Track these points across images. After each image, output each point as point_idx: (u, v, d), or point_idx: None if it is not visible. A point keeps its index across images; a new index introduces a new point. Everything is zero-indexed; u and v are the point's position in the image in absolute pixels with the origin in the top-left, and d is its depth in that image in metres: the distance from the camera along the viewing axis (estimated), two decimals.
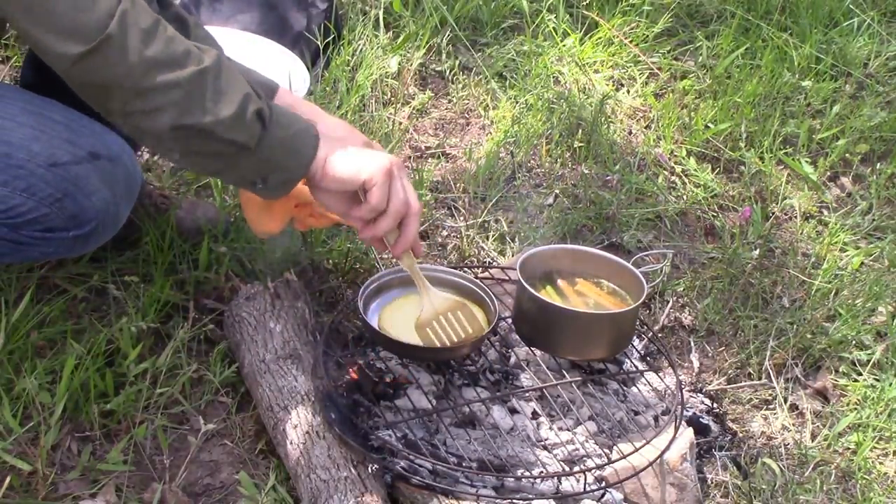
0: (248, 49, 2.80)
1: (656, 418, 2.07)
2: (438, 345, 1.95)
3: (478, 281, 2.12)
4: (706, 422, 2.16)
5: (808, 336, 2.42)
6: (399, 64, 3.09)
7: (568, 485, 1.88)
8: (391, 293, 2.09)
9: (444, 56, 3.22)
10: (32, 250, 1.98)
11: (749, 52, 3.35)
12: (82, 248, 2.04)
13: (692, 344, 2.42)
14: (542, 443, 1.97)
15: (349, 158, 1.78)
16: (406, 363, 2.07)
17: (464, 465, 1.88)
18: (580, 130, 2.93)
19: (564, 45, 3.26)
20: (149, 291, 2.17)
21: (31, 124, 1.80)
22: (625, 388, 2.14)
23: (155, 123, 1.68)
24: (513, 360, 2.15)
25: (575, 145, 2.91)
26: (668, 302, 2.50)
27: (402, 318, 2.01)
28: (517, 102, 3.03)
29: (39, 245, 1.97)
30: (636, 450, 1.90)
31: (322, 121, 2.02)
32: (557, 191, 2.78)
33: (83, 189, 1.81)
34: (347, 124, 2.07)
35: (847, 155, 3.06)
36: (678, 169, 2.92)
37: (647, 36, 3.37)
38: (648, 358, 2.23)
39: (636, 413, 2.08)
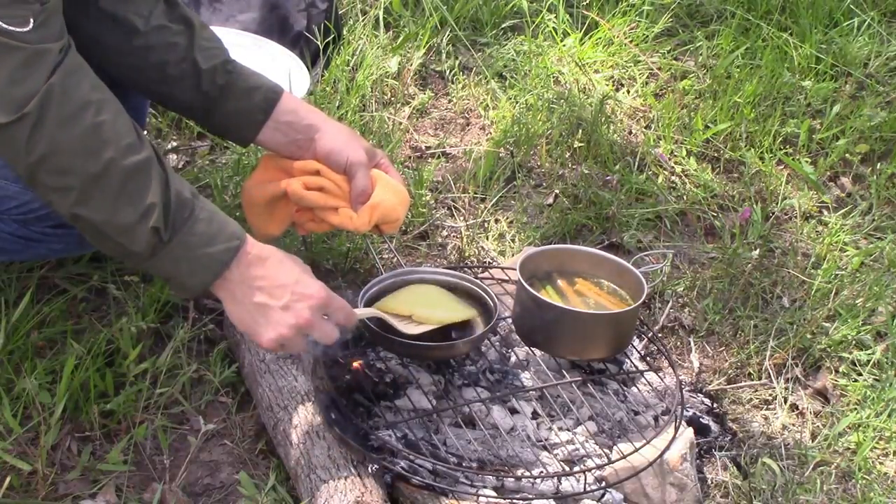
0: (249, 49, 2.80)
1: (656, 418, 2.07)
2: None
3: (478, 280, 2.12)
4: (706, 422, 2.16)
5: (808, 336, 2.42)
6: (399, 64, 3.09)
7: (568, 485, 1.88)
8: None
9: (444, 56, 3.22)
10: (42, 247, 2.00)
11: (749, 52, 3.34)
12: (91, 246, 2.05)
13: (692, 344, 2.42)
14: (542, 443, 1.97)
15: (244, 320, 1.75)
16: (406, 363, 2.07)
17: (464, 465, 1.88)
18: (580, 130, 2.93)
19: (564, 45, 3.26)
20: (149, 291, 2.17)
21: None
22: (625, 388, 2.14)
23: (56, 202, 1.67)
24: (513, 360, 2.15)
25: (575, 145, 2.91)
26: (668, 302, 2.50)
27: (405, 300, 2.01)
28: (517, 102, 3.03)
29: (49, 241, 1.98)
30: (636, 450, 1.90)
31: (325, 125, 2.02)
32: (557, 191, 2.78)
33: None
34: (350, 129, 2.08)
35: (847, 155, 3.06)
36: (678, 169, 2.92)
37: (647, 36, 3.37)
38: (648, 358, 2.23)
39: (636, 413, 2.08)
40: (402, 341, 1.94)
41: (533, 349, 2.12)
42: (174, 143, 2.71)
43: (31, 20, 1.57)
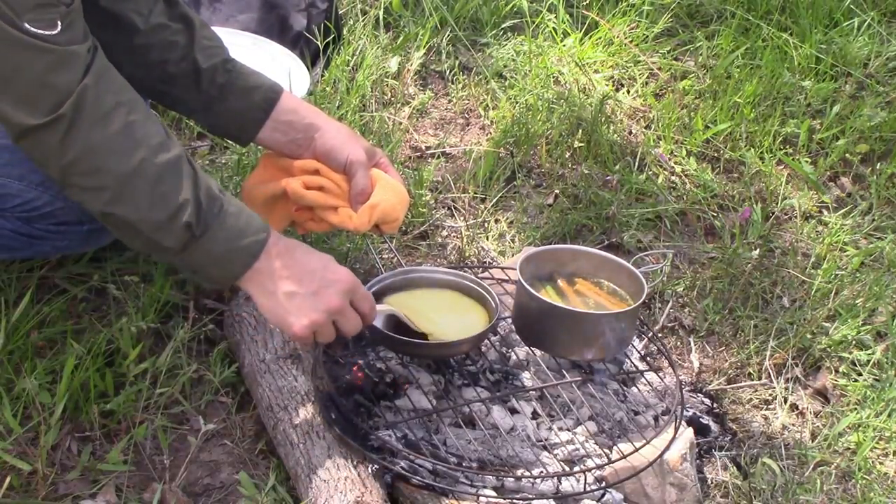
0: (248, 49, 2.81)
1: (656, 418, 2.07)
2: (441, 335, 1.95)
3: (478, 280, 2.12)
4: (706, 422, 2.16)
5: (808, 336, 2.42)
6: (399, 64, 3.09)
7: (568, 485, 1.88)
8: (394, 295, 2.09)
9: (444, 56, 3.22)
10: (45, 244, 2.00)
11: (749, 52, 3.34)
12: (95, 243, 2.06)
13: (692, 344, 2.42)
14: (542, 443, 1.97)
15: (275, 311, 1.77)
16: (406, 363, 2.07)
17: (464, 465, 1.88)
18: (580, 130, 2.93)
19: (564, 45, 3.26)
20: (149, 291, 2.17)
21: None
22: (625, 388, 2.14)
23: (88, 201, 1.70)
24: (513, 360, 2.15)
25: (575, 145, 2.91)
26: (668, 302, 2.50)
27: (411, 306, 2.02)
28: (517, 102, 3.03)
29: (53, 239, 1.99)
30: (636, 450, 1.90)
31: (325, 125, 2.02)
32: (557, 191, 2.78)
33: None
34: (349, 129, 2.08)
35: (847, 155, 3.06)
36: (678, 169, 2.92)
37: (647, 36, 3.37)
38: (648, 358, 2.23)
39: (636, 413, 2.08)
40: (402, 339, 1.94)
41: (533, 349, 2.12)
42: None
43: (59, 23, 1.59)
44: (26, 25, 1.56)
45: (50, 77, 1.60)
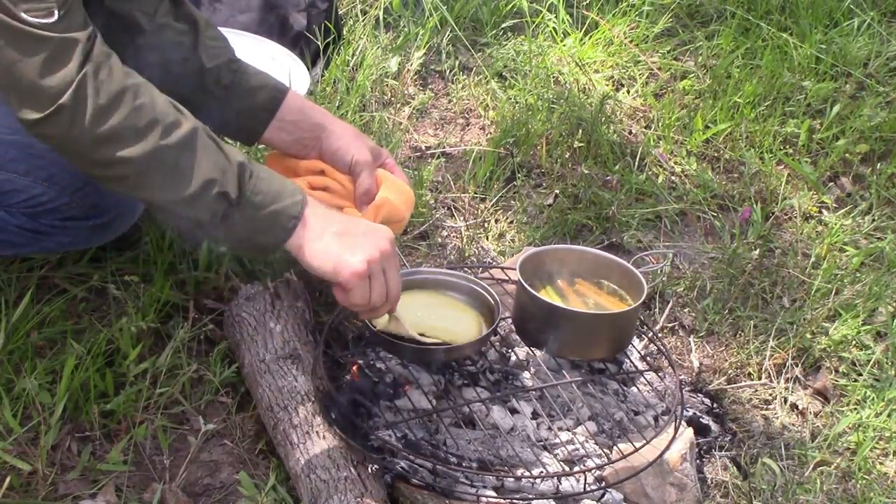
0: (248, 49, 2.80)
1: (656, 418, 2.07)
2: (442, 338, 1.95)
3: (479, 281, 2.12)
4: (706, 422, 2.16)
5: (808, 336, 2.42)
6: (399, 64, 3.09)
7: (568, 485, 1.88)
8: None
9: (444, 56, 3.22)
10: (50, 240, 2.01)
11: (749, 52, 3.35)
12: (100, 238, 2.06)
13: (692, 344, 2.42)
14: (542, 443, 1.97)
15: (328, 253, 1.73)
16: (406, 363, 2.07)
17: (464, 465, 1.88)
18: (580, 130, 2.93)
19: (564, 45, 3.26)
20: (149, 291, 2.17)
21: None
22: (625, 388, 2.14)
23: (114, 187, 1.70)
24: (513, 360, 2.15)
25: (575, 145, 2.91)
26: (668, 302, 2.50)
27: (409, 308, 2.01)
28: (517, 102, 3.03)
29: (58, 234, 1.99)
30: (636, 450, 1.90)
31: (331, 125, 2.03)
32: (557, 191, 2.78)
33: None
34: (355, 129, 2.08)
35: (847, 155, 3.06)
36: (678, 169, 2.92)
37: (647, 36, 3.37)
38: (648, 358, 2.23)
39: (636, 413, 2.08)
40: (404, 344, 1.94)
41: (533, 349, 2.12)
42: None
43: (56, 11, 1.57)
44: (22, 14, 1.55)
45: (48, 66, 1.58)
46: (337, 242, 1.73)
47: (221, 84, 1.97)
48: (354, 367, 2.05)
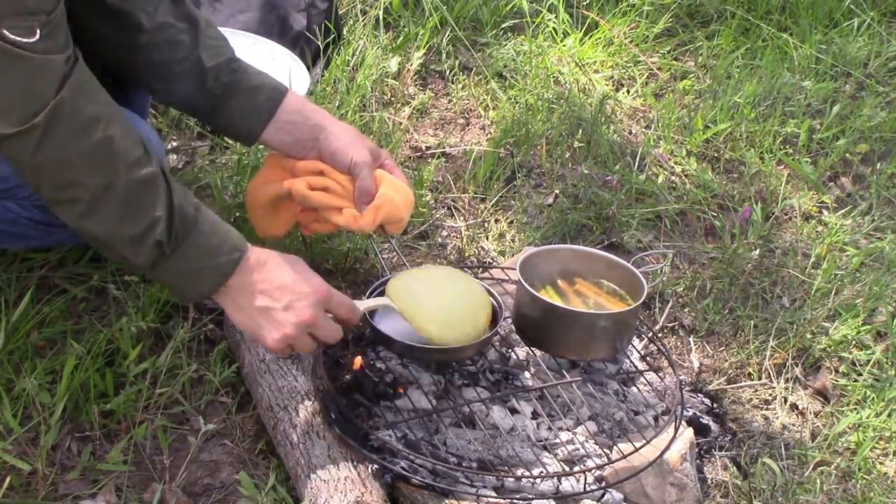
0: (248, 49, 2.80)
1: (656, 418, 2.07)
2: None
3: (481, 282, 2.11)
4: (706, 422, 2.16)
5: (808, 336, 2.43)
6: (399, 64, 3.09)
7: (568, 485, 1.88)
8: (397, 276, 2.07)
9: (444, 56, 3.22)
10: (62, 232, 2.02)
11: (749, 53, 3.35)
12: None
13: (692, 344, 2.42)
14: (542, 443, 1.97)
15: (247, 326, 1.79)
16: (406, 363, 2.06)
17: (464, 465, 1.88)
18: (580, 130, 2.93)
19: (564, 45, 3.26)
20: (149, 291, 2.17)
21: None
22: (625, 388, 2.14)
23: (62, 212, 1.70)
24: (513, 360, 2.15)
25: (575, 145, 2.91)
26: (668, 302, 2.50)
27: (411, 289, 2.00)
28: (517, 102, 3.03)
29: (68, 228, 1.99)
30: (636, 450, 1.90)
31: (330, 125, 2.02)
32: (557, 191, 2.78)
33: None
34: (355, 129, 2.08)
35: (847, 155, 3.06)
36: (678, 169, 2.92)
37: (647, 36, 3.37)
38: (648, 358, 2.23)
39: (636, 413, 2.08)
40: (405, 343, 1.94)
41: (533, 349, 2.12)
42: (174, 144, 2.70)
43: (38, 31, 1.57)
44: (4, 32, 1.54)
45: (24, 86, 1.58)
46: (257, 316, 1.77)
47: (221, 83, 1.97)
48: (359, 357, 2.04)
